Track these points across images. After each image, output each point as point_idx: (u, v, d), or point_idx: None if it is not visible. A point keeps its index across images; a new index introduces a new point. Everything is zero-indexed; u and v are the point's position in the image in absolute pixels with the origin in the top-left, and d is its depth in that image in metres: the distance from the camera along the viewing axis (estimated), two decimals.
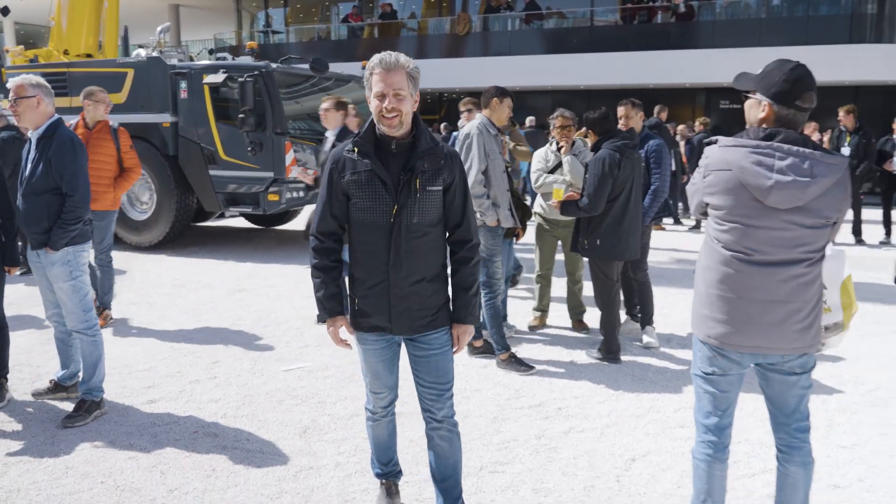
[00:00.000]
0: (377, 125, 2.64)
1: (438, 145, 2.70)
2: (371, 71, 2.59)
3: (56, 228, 3.95)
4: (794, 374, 2.60)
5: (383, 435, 3.03)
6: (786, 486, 2.67)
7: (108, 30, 17.34)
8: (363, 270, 2.71)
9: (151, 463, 3.62)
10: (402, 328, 2.73)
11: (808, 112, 2.48)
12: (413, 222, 2.63)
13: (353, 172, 2.65)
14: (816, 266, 2.52)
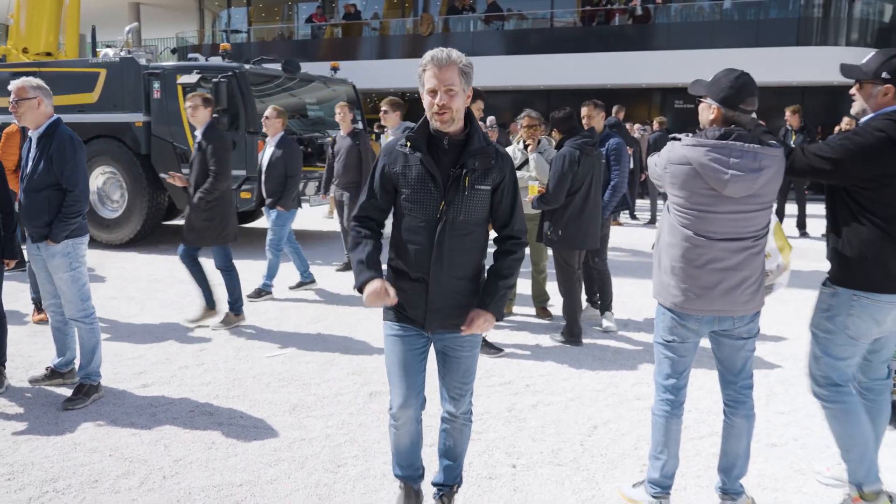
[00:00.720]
0: (430, 121, 2.64)
1: (490, 145, 2.70)
2: (424, 67, 2.60)
3: (57, 222, 4.20)
4: (742, 339, 3.01)
5: (405, 442, 2.94)
6: (731, 437, 3.09)
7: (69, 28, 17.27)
8: (405, 264, 2.72)
9: (154, 438, 3.90)
10: (435, 325, 2.74)
11: (751, 113, 2.89)
12: (459, 220, 2.64)
13: (405, 166, 2.66)
14: (763, 239, 2.94)
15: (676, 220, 2.94)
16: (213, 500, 3.25)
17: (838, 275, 3.04)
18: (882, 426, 3.25)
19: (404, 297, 2.73)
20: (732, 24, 19.96)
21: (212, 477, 3.46)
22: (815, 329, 3.14)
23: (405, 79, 22.11)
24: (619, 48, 20.10)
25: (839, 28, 19.36)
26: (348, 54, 22.92)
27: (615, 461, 3.67)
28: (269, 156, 7.04)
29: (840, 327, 3.02)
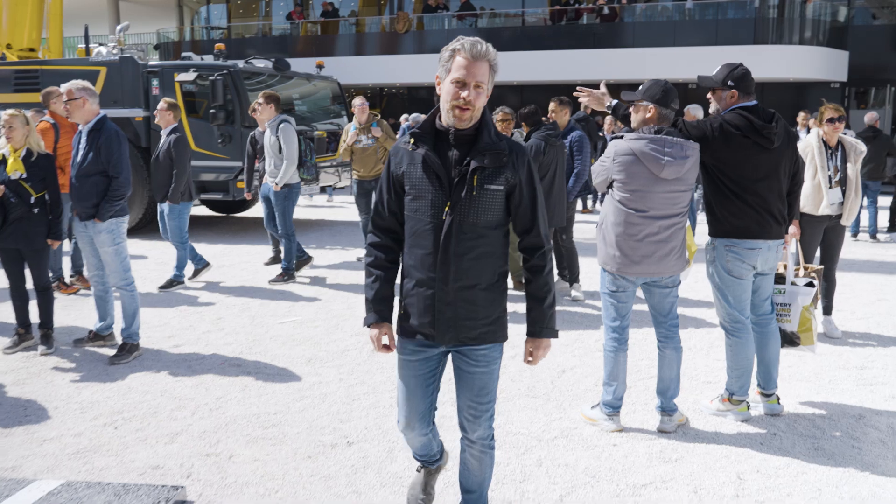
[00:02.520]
0: (445, 114, 2.45)
1: (503, 140, 2.50)
2: (454, 52, 2.42)
3: (104, 203, 4.92)
4: (667, 288, 3.86)
5: (417, 444, 2.90)
6: (664, 365, 3.93)
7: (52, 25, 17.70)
8: (412, 269, 2.55)
9: (195, 383, 4.65)
10: (446, 337, 2.54)
11: (675, 111, 3.73)
12: (468, 222, 2.44)
13: (410, 164, 2.50)
14: (685, 217, 3.78)
15: (620, 203, 3.77)
16: (254, 424, 4.02)
17: (713, 230, 3.93)
18: (775, 349, 4.15)
19: (410, 306, 2.57)
20: (694, 23, 20.95)
21: (250, 409, 4.23)
22: (710, 278, 4.02)
23: (381, 74, 22.86)
24: (588, 46, 20.99)
25: (793, 28, 20.42)
26: (326, 51, 23.54)
27: (579, 394, 4.50)
28: (159, 149, 7.12)
29: (724, 270, 3.91)
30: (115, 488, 3.14)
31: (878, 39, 21.02)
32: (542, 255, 2.61)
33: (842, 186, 5.69)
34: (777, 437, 3.91)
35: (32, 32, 16.08)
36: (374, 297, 2.60)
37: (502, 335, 2.61)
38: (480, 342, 2.55)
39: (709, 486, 3.38)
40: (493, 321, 2.56)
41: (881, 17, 22.02)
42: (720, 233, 3.95)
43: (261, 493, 3.26)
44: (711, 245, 4.01)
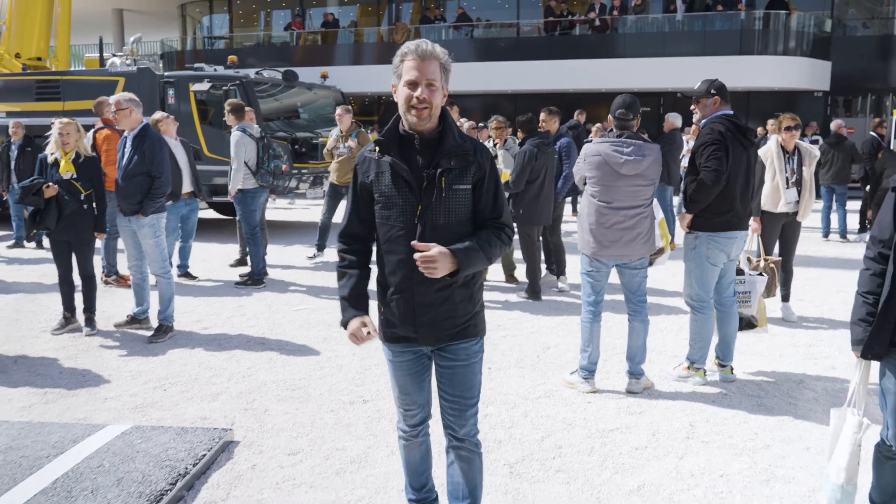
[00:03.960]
0: (403, 117, 2.49)
1: (467, 140, 2.54)
2: (403, 58, 2.46)
3: (147, 200, 5.60)
4: (636, 269, 4.56)
5: (415, 457, 2.87)
6: (632, 335, 4.63)
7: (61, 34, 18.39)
8: (388, 276, 2.57)
9: (226, 356, 5.33)
10: (429, 338, 2.59)
11: (634, 119, 4.44)
12: (440, 223, 2.48)
13: (377, 173, 2.52)
14: (649, 208, 4.49)
15: (592, 196, 4.47)
16: (282, 387, 4.70)
17: (698, 225, 4.59)
18: (734, 327, 4.85)
19: (391, 312, 2.59)
20: (682, 34, 21.72)
21: (277, 376, 4.91)
22: (688, 263, 4.71)
23: (379, 83, 23.54)
24: (581, 56, 21.73)
25: (778, 39, 21.20)
26: (325, 60, 24.24)
27: (561, 366, 5.18)
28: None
29: (703, 258, 4.59)
30: (176, 430, 3.82)
31: (859, 50, 21.82)
32: (503, 227, 2.58)
33: (798, 187, 6.40)
34: (727, 396, 4.60)
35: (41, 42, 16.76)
36: (349, 295, 2.61)
37: (481, 329, 2.67)
38: (461, 338, 2.60)
39: (665, 430, 4.07)
40: (471, 317, 2.61)
41: (863, 29, 22.84)
42: (706, 227, 4.58)
43: (294, 436, 3.94)
44: (695, 237, 4.65)
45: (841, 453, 2.91)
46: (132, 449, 3.56)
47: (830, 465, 2.95)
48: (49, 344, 5.63)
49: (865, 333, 2.75)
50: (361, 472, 3.53)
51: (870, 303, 2.76)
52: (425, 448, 2.89)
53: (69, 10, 18.74)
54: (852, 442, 2.88)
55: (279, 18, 28.10)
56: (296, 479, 3.46)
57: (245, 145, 7.65)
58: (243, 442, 3.86)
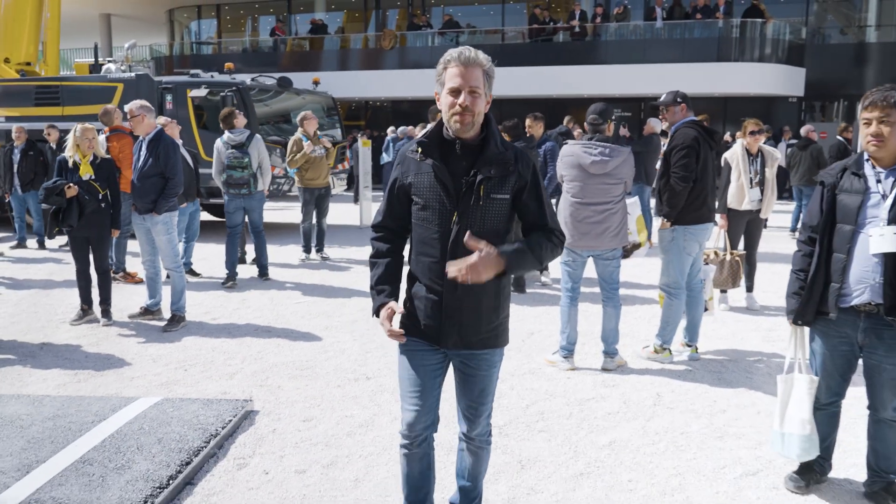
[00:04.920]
0: (446, 125, 2.51)
1: (509, 149, 2.54)
2: (446, 65, 2.47)
3: (161, 199, 6.07)
4: (609, 259, 5.09)
5: (415, 471, 2.79)
6: (606, 318, 5.15)
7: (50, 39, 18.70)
8: (419, 275, 2.60)
9: (237, 342, 5.80)
10: (451, 342, 2.59)
11: (605, 123, 4.97)
12: (474, 231, 2.45)
13: (417, 174, 2.54)
14: (619, 204, 5.02)
15: (567, 193, 5.00)
16: (291, 368, 5.18)
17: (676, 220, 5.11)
18: (699, 312, 5.38)
19: (418, 310, 2.61)
20: (662, 41, 22.38)
21: (286, 358, 5.40)
22: (667, 254, 5.23)
23: (365, 89, 24.07)
24: (564, 62, 22.33)
25: (754, 46, 21.90)
26: (312, 66, 24.69)
27: (544, 349, 5.69)
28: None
29: (681, 249, 5.12)
30: (203, 401, 4.30)
31: (832, 57, 22.59)
32: (553, 232, 2.58)
33: (761, 187, 6.96)
34: (691, 371, 5.14)
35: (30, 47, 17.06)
36: (379, 282, 2.63)
37: (504, 339, 2.68)
38: (482, 347, 2.59)
39: (635, 399, 4.59)
40: (495, 327, 2.61)
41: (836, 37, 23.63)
42: (683, 221, 5.11)
43: (307, 407, 4.43)
44: (672, 230, 5.16)
45: (801, 409, 3.34)
46: (166, 416, 4.03)
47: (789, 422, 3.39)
48: (70, 333, 6.07)
49: (797, 304, 3.29)
50: (369, 434, 4.03)
51: (801, 279, 3.29)
52: (426, 463, 2.78)
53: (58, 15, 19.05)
54: (809, 398, 3.36)
55: (266, 24, 28.54)
56: (312, 440, 3.95)
57: (218, 151, 8.04)
58: (262, 411, 4.34)
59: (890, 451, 3.28)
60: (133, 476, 3.32)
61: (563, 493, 3.41)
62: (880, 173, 3.05)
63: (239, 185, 7.92)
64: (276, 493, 3.37)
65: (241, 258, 9.19)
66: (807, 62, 22.18)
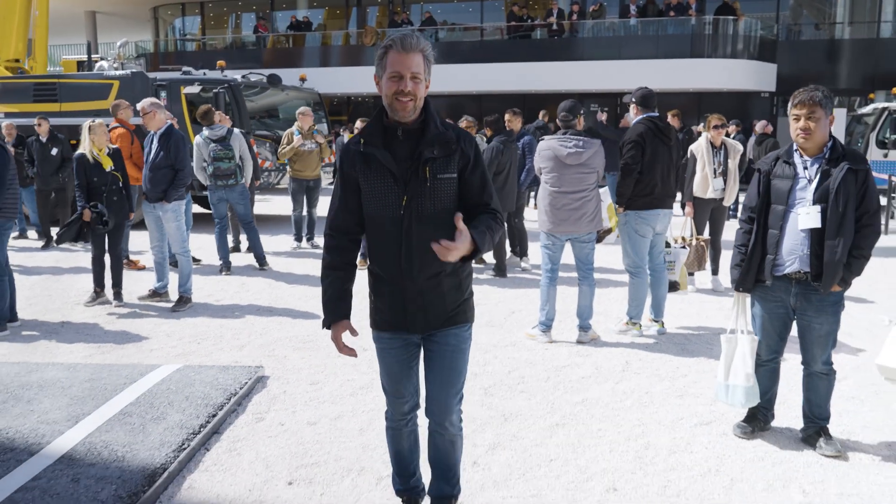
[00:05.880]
0: (388, 109, 2.52)
1: (449, 129, 2.56)
2: (387, 49, 2.46)
3: (171, 189, 6.53)
4: (585, 242, 5.63)
5: (403, 447, 2.91)
6: (581, 296, 5.70)
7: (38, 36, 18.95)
8: (378, 267, 2.64)
9: (242, 321, 6.29)
10: (418, 325, 2.64)
11: (575, 118, 5.51)
12: (426, 213, 2.51)
13: (363, 164, 2.55)
14: (593, 192, 5.56)
15: (546, 183, 5.54)
16: (295, 342, 5.67)
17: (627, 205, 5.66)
18: (665, 289, 5.95)
19: (382, 301, 2.67)
20: (637, 38, 23.03)
21: (289, 333, 5.89)
22: (622, 237, 5.79)
23: (347, 84, 24.46)
24: (542, 58, 22.91)
25: (726, 42, 22.61)
26: (294, 62, 25.05)
27: (524, 325, 6.23)
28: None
29: (633, 231, 5.68)
30: (219, 367, 4.79)
31: (804, 53, 23.36)
32: (495, 214, 2.61)
33: (724, 177, 7.55)
34: (658, 344, 5.71)
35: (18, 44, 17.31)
36: (330, 297, 2.69)
37: (470, 316, 2.73)
38: (450, 324, 2.66)
39: (606, 366, 5.15)
40: (461, 303, 2.67)
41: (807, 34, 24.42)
42: (632, 207, 5.66)
43: (312, 373, 4.94)
44: (625, 215, 5.72)
45: (744, 364, 3.90)
46: (189, 378, 4.52)
47: (734, 376, 3.96)
48: (86, 313, 6.52)
49: (739, 274, 3.85)
50: (370, 394, 4.54)
51: (742, 252, 3.85)
52: (413, 438, 2.91)
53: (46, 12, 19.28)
54: (751, 354, 3.92)
55: (249, 21, 28.83)
56: (319, 399, 4.46)
57: (198, 147, 8.36)
58: (273, 376, 4.85)
59: (821, 399, 3.85)
60: (169, 425, 3.82)
61: (542, 439, 3.95)
62: (807, 161, 3.62)
63: (226, 175, 8.28)
64: (293, 440, 3.89)
65: (236, 247, 9.65)
66: (778, 58, 22.92)
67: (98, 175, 6.49)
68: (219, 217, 8.49)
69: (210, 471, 3.53)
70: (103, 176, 6.42)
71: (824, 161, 3.57)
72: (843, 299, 3.69)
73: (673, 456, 3.76)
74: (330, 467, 3.59)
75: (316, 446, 3.82)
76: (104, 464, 3.40)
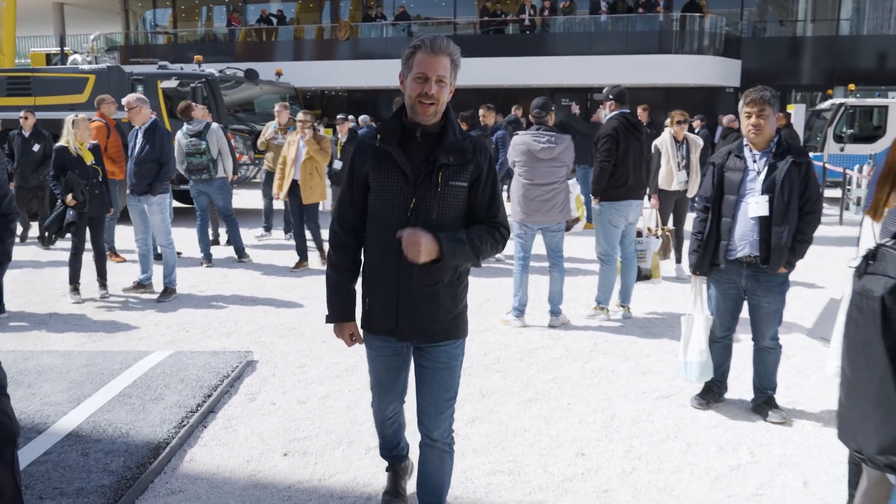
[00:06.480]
0: (409, 110, 2.50)
1: (467, 139, 2.56)
2: (415, 49, 2.46)
3: (156, 182, 6.73)
4: (555, 232, 5.96)
5: (388, 432, 2.99)
6: (552, 282, 6.03)
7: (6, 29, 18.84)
8: (375, 266, 2.60)
9: (227, 310, 6.52)
10: (409, 333, 2.59)
11: (547, 115, 5.83)
12: (432, 218, 2.48)
13: (375, 161, 2.52)
14: (563, 184, 5.89)
15: (519, 176, 5.85)
16: (280, 329, 5.92)
17: (603, 196, 6.00)
18: (632, 277, 6.31)
19: (375, 302, 2.62)
20: (606, 34, 23.48)
21: (274, 321, 6.14)
22: (597, 226, 6.12)
23: (320, 78, 24.59)
24: (514, 53, 23.24)
25: (693, 39, 23.14)
26: (266, 55, 25.10)
27: (499, 312, 6.54)
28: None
29: (607, 221, 6.02)
30: (210, 353, 5.04)
31: (767, 50, 23.97)
32: (498, 225, 2.63)
33: (687, 169, 7.93)
34: (625, 327, 6.07)
35: None
36: (337, 298, 2.68)
37: (463, 331, 2.69)
38: (443, 338, 2.61)
39: (576, 347, 5.49)
40: (454, 317, 2.62)
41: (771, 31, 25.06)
42: (608, 198, 6.00)
43: (299, 357, 5.20)
44: (600, 206, 6.05)
45: (699, 341, 4.27)
46: (182, 363, 4.76)
47: (690, 353, 4.32)
48: (72, 305, 6.70)
49: (696, 259, 4.19)
50: (354, 376, 4.82)
51: (699, 239, 4.19)
52: (398, 425, 3.00)
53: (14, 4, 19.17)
54: (706, 332, 4.27)
55: (220, 14, 28.77)
56: (307, 381, 4.74)
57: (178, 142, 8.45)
58: (261, 360, 5.10)
59: (769, 371, 4.22)
60: (167, 404, 4.06)
61: (516, 413, 4.27)
62: (755, 155, 3.97)
63: (199, 170, 8.42)
64: (285, 417, 4.16)
65: (215, 240, 9.83)
66: (743, 54, 23.49)
67: (80, 168, 6.65)
68: (200, 210, 8.66)
69: (209, 445, 3.79)
70: (85, 169, 6.58)
71: (771, 155, 3.92)
72: (788, 280, 4.06)
73: (636, 425, 4.10)
74: (321, 440, 3.87)
75: (307, 422, 4.09)
76: (110, 440, 3.64)
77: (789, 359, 4.89)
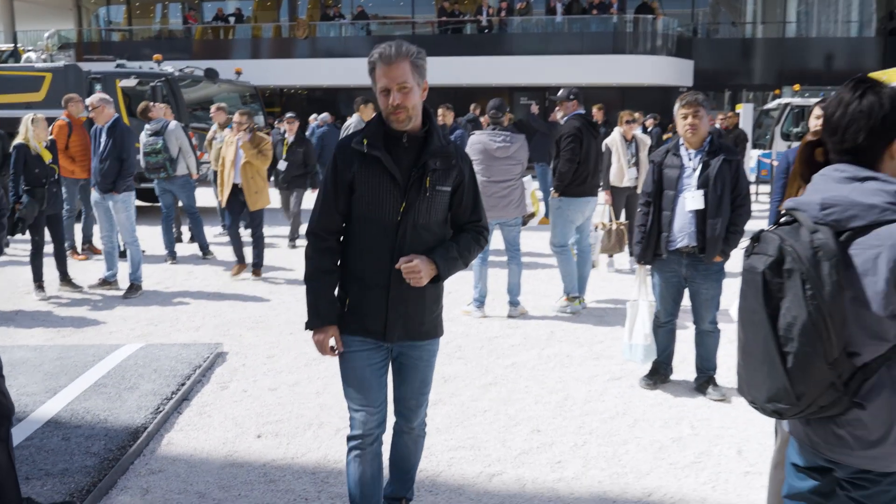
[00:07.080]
0: (386, 121, 2.54)
1: (451, 143, 2.63)
2: (373, 66, 2.48)
3: (119, 180, 6.83)
4: (512, 226, 6.25)
5: (367, 473, 2.71)
6: (510, 274, 6.32)
7: None
8: (361, 269, 2.59)
9: (195, 305, 6.67)
10: (395, 335, 2.61)
11: (503, 115, 6.11)
12: (420, 222, 2.53)
13: (362, 165, 2.52)
14: (518, 181, 6.18)
15: (479, 172, 6.12)
16: (248, 322, 6.10)
17: (563, 192, 6.31)
18: (588, 269, 6.64)
19: (360, 304, 2.60)
20: (562, 34, 23.95)
21: (241, 314, 6.32)
22: (554, 220, 6.42)
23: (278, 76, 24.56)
24: (472, 53, 23.56)
25: (646, 39, 23.75)
26: (223, 53, 24.99)
27: (460, 303, 6.78)
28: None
29: (566, 216, 6.33)
30: (181, 345, 5.20)
31: (718, 50, 24.73)
32: (480, 229, 2.72)
33: (637, 167, 8.30)
34: (581, 316, 6.39)
35: None
36: (321, 302, 2.61)
37: (441, 329, 2.77)
38: (425, 337, 2.67)
39: (533, 335, 5.79)
40: (435, 317, 2.70)
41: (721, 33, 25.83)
42: (568, 194, 6.31)
43: (267, 348, 5.40)
44: (559, 201, 6.35)
45: (644, 325, 4.62)
46: (154, 355, 4.92)
47: (635, 336, 4.66)
48: (37, 302, 6.77)
49: (640, 249, 4.51)
50: (322, 365, 5.04)
51: (642, 231, 4.51)
52: (378, 463, 2.75)
53: None
54: (650, 317, 4.61)
55: (176, 11, 28.51)
56: (277, 370, 4.94)
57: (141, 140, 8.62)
58: (231, 352, 5.29)
59: (709, 353, 4.57)
60: (143, 392, 4.24)
61: (477, 395, 4.54)
62: (691, 153, 4.31)
63: (156, 168, 8.51)
64: (256, 403, 4.36)
65: (178, 237, 9.92)
66: (695, 55, 24.18)
67: (39, 167, 6.71)
68: (165, 207, 8.75)
69: (185, 430, 3.98)
70: (44, 168, 6.65)
71: (704, 153, 4.26)
72: (724, 269, 4.41)
73: (588, 404, 4.41)
74: (293, 423, 4.09)
75: (278, 407, 4.30)
76: (89, 425, 3.81)
77: (732, 343, 5.25)
